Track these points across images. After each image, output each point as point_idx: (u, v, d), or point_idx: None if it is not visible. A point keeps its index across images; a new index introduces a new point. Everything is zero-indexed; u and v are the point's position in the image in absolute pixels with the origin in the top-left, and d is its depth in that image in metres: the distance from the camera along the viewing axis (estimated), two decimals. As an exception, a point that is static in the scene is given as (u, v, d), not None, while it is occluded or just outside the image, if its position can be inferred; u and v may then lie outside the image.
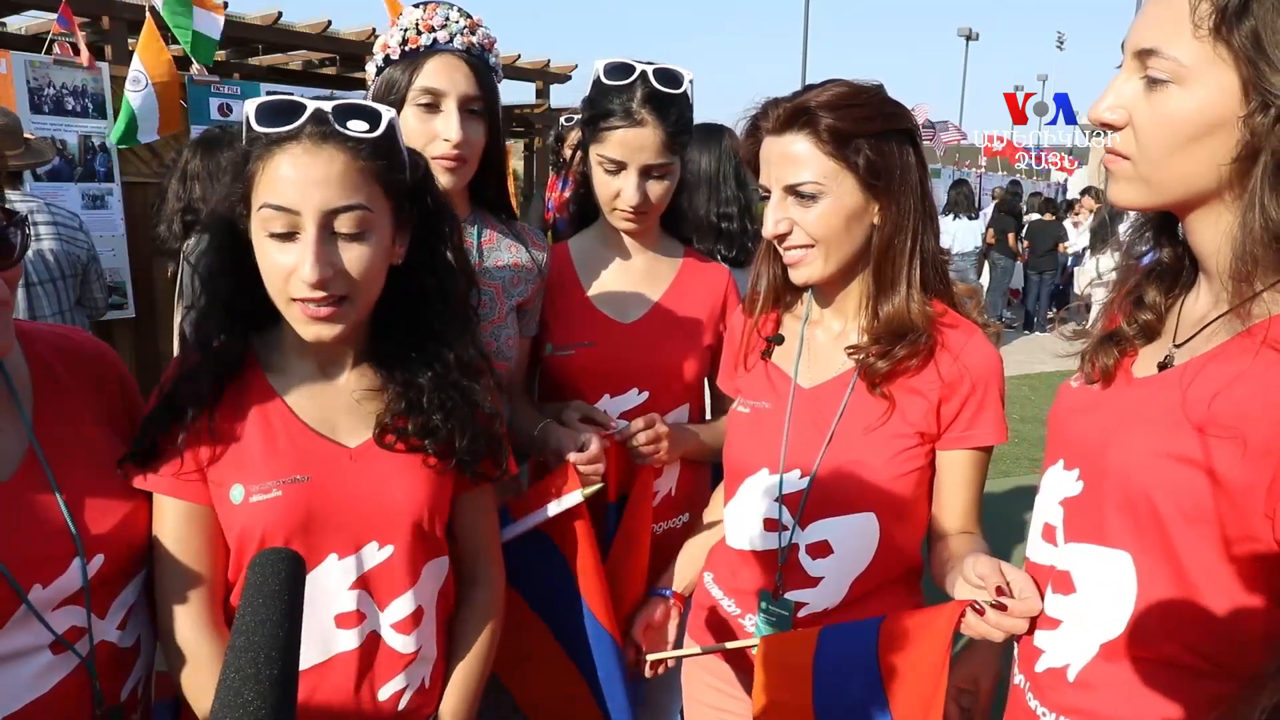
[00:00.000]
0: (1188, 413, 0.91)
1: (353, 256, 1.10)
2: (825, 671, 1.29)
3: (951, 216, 9.96)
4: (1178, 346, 1.00)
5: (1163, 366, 1.00)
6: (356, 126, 1.09)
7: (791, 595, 1.41)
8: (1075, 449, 1.08)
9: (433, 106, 1.52)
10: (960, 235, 9.84)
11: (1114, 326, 1.09)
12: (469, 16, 1.56)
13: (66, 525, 1.07)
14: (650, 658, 1.61)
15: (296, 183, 1.06)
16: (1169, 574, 0.93)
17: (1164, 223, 1.07)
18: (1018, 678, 1.14)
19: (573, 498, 1.50)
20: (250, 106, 1.10)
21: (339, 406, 1.23)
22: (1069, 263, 11.58)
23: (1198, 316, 0.99)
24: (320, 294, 1.08)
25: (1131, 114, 0.94)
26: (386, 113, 1.12)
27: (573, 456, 1.53)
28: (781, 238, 1.34)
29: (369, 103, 1.13)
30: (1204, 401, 0.90)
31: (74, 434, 1.14)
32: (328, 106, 1.09)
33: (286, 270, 1.08)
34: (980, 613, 1.08)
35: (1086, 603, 1.01)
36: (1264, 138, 0.85)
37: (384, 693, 1.23)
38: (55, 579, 1.05)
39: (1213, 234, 0.93)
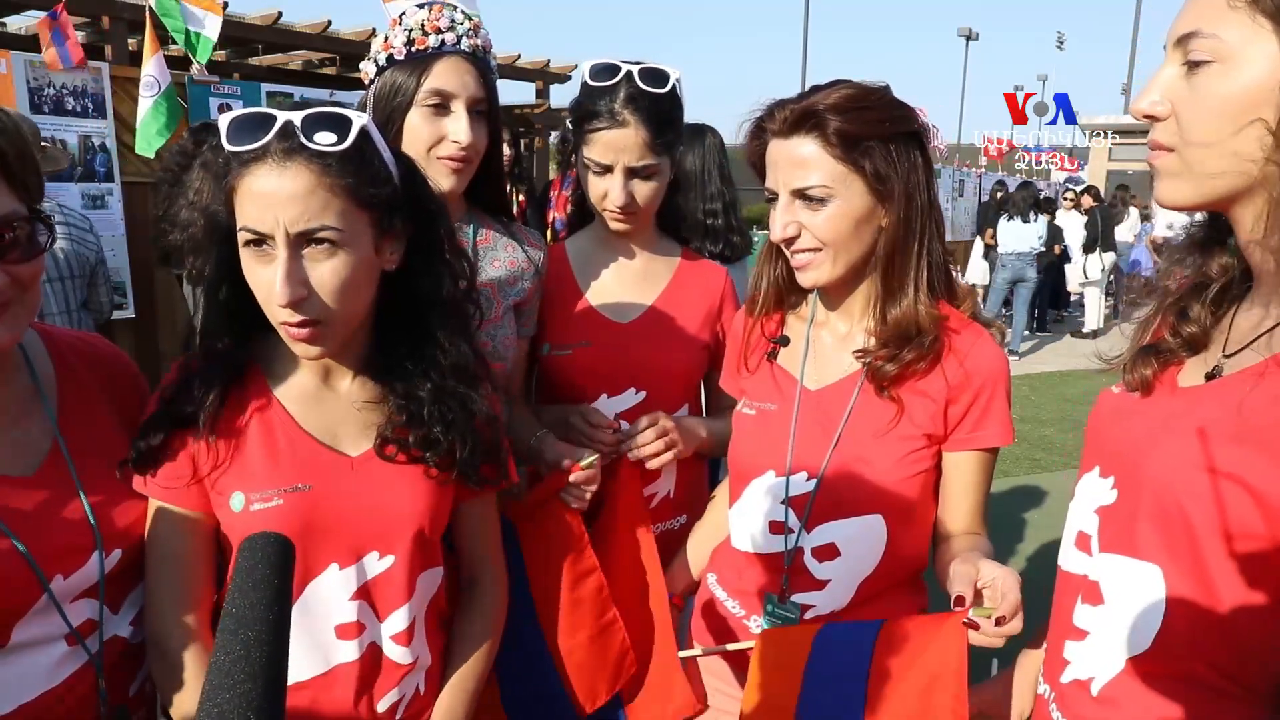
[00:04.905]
0: (1231, 425, 0.89)
1: (324, 274, 1.07)
2: (815, 674, 1.28)
3: (1006, 217, 9.89)
4: (1228, 357, 0.96)
5: (1210, 376, 0.97)
6: (324, 139, 1.06)
7: (797, 598, 1.41)
8: (1112, 456, 1.05)
9: (441, 108, 1.51)
10: (1016, 236, 9.81)
11: (1156, 339, 1.06)
12: (470, 18, 1.55)
13: (87, 519, 1.10)
14: None
15: (265, 203, 1.04)
16: (1199, 590, 0.91)
17: (1209, 238, 1.03)
18: (1042, 687, 1.12)
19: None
20: (223, 122, 1.08)
21: (340, 415, 1.22)
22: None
23: (1250, 326, 0.95)
24: (296, 316, 1.07)
25: (1174, 102, 0.90)
26: (358, 120, 1.09)
27: (574, 476, 1.52)
28: (789, 241, 1.33)
29: (341, 110, 1.10)
30: (1251, 414, 0.87)
31: (95, 433, 1.17)
32: (297, 119, 1.06)
33: (267, 287, 1.07)
34: (974, 628, 1.07)
35: (1114, 615, 0.99)
36: None
37: (383, 704, 1.23)
38: (75, 570, 1.08)
39: (1258, 225, 0.89)
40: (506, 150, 4.02)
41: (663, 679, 1.54)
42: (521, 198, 3.95)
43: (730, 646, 1.45)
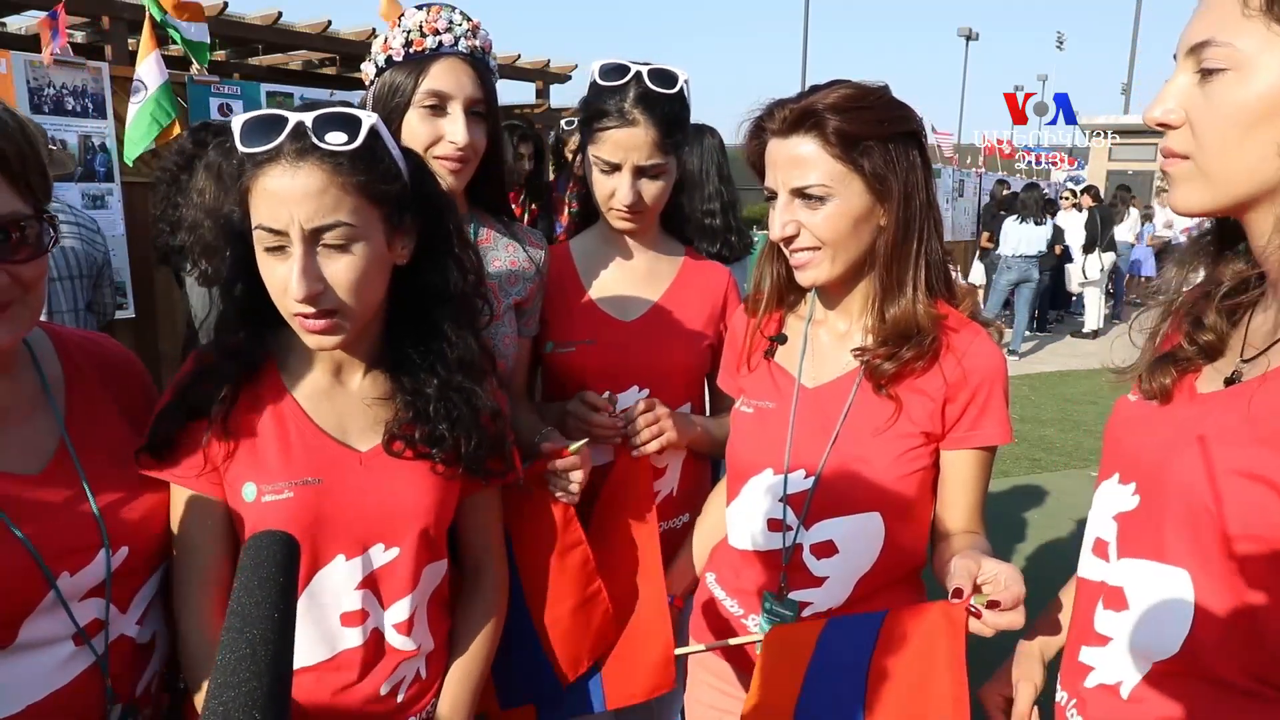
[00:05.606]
0: (1257, 428, 0.88)
1: (339, 269, 1.11)
2: (817, 672, 1.28)
3: (1017, 220, 9.85)
4: (1246, 361, 0.96)
5: (1230, 382, 0.96)
6: (335, 139, 1.09)
7: (796, 595, 1.42)
8: (1132, 463, 1.05)
9: (438, 109, 1.52)
10: (1027, 239, 9.78)
11: (1170, 347, 1.05)
12: (469, 19, 1.57)
13: (94, 517, 1.11)
14: None
15: (279, 202, 1.08)
16: (1229, 594, 0.90)
17: (1220, 242, 1.03)
18: (1060, 695, 1.12)
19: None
20: (237, 124, 1.11)
21: (351, 410, 1.25)
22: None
23: (1267, 330, 0.95)
24: (311, 309, 1.10)
25: (1187, 110, 0.90)
26: (367, 119, 1.12)
27: (557, 462, 1.50)
28: (789, 240, 1.34)
29: (351, 110, 1.13)
30: (1270, 416, 0.87)
31: (102, 431, 1.18)
32: (308, 120, 1.09)
33: (282, 283, 1.10)
34: (976, 615, 1.07)
35: (1140, 620, 0.98)
36: None
37: (385, 687, 1.26)
38: (82, 568, 1.09)
39: (1275, 233, 0.89)
40: (528, 164, 4.01)
41: (647, 656, 1.56)
42: (535, 207, 3.90)
43: (731, 641, 1.45)
